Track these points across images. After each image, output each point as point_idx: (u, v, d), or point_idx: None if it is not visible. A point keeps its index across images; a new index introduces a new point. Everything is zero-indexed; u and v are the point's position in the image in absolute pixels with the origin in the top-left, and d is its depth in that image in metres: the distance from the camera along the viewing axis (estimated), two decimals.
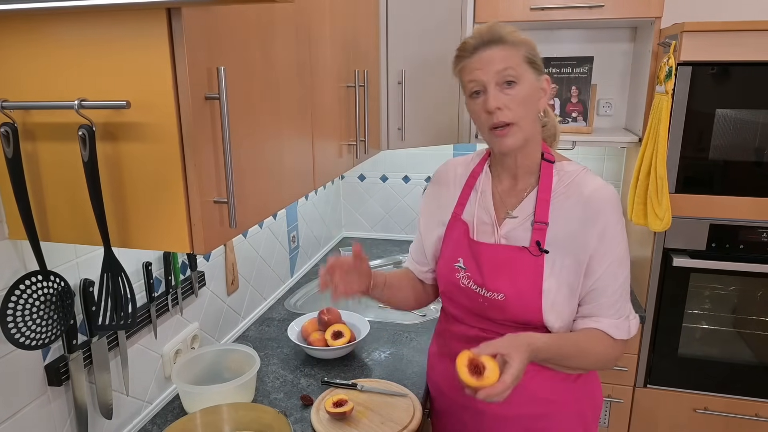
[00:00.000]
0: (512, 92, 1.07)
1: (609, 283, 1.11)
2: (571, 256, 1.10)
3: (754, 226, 1.81)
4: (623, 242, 1.12)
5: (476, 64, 1.09)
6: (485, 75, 1.08)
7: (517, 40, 1.09)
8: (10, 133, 0.81)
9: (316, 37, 1.22)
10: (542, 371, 1.16)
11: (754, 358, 1.96)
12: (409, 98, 1.86)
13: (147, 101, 0.77)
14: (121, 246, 0.86)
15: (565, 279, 1.11)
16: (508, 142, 1.10)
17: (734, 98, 1.73)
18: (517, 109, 1.08)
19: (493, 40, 1.08)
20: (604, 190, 1.11)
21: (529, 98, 1.09)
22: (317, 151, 1.27)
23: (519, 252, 1.13)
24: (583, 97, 2.15)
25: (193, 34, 0.75)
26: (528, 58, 1.09)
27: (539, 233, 1.12)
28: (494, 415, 1.22)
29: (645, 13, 1.89)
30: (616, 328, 1.13)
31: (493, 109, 1.07)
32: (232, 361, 1.42)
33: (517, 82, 1.07)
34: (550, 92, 1.15)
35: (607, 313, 1.13)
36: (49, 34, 0.78)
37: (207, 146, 0.81)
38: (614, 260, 1.10)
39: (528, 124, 1.10)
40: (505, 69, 1.07)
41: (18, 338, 0.92)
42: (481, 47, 1.08)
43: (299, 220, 2.22)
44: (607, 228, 1.09)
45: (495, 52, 1.07)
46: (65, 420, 1.09)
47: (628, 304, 1.16)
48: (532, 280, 1.11)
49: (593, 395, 1.26)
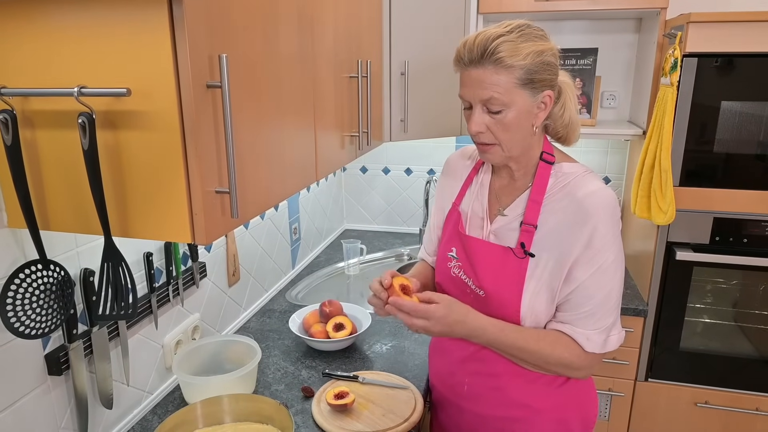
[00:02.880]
0: (498, 116, 1.02)
1: (591, 293, 1.05)
2: (555, 260, 1.06)
3: (759, 219, 1.80)
4: (613, 251, 1.04)
5: (465, 80, 1.04)
6: (471, 96, 1.03)
7: (512, 62, 0.98)
8: (9, 120, 0.80)
9: (319, 27, 1.20)
10: (519, 375, 1.15)
11: (756, 353, 1.95)
12: (411, 90, 1.84)
13: (148, 89, 0.76)
14: (121, 235, 0.85)
15: (546, 282, 1.07)
16: (488, 158, 1.11)
17: (740, 90, 1.71)
18: (501, 134, 1.04)
19: (485, 59, 0.99)
20: (600, 194, 1.04)
21: (517, 122, 1.03)
22: (319, 142, 1.26)
23: (504, 252, 1.11)
24: (587, 89, 2.14)
25: (194, 21, 0.74)
26: (524, 80, 1.00)
27: (526, 235, 1.09)
28: (472, 413, 1.22)
29: (650, 3, 1.87)
30: (587, 340, 1.06)
31: (473, 133, 1.05)
32: (233, 352, 1.42)
33: (503, 109, 1.01)
34: (551, 105, 1.06)
35: (584, 323, 1.07)
36: (49, 20, 0.77)
37: (208, 135, 0.80)
38: (600, 267, 1.04)
39: (514, 145, 1.06)
40: (490, 98, 1.00)
41: (18, 327, 0.91)
42: (470, 65, 1.01)
43: (301, 212, 2.21)
44: (595, 233, 1.02)
45: (484, 74, 1.00)
46: (65, 409, 1.09)
47: (611, 317, 1.08)
48: (513, 281, 1.09)
49: (582, 403, 1.19)
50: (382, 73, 1.77)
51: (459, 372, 1.23)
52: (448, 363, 1.26)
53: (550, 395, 1.16)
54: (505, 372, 1.16)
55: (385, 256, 2.44)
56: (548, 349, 1.08)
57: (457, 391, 1.24)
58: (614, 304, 1.08)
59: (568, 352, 1.08)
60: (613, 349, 1.10)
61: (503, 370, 1.16)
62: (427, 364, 1.48)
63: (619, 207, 1.07)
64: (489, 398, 1.19)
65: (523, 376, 1.15)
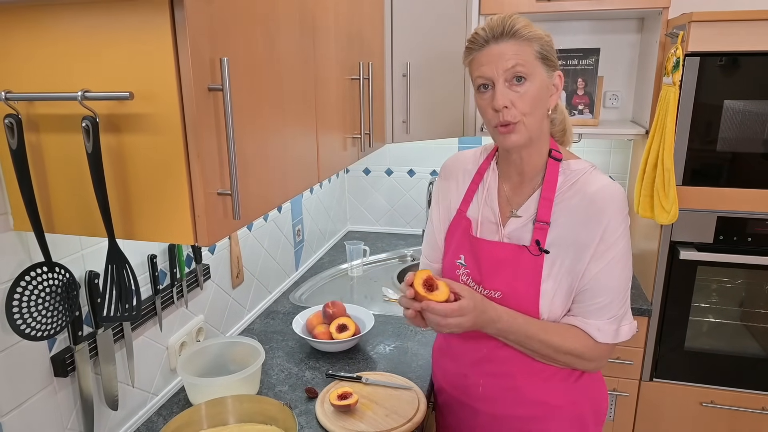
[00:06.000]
0: (521, 89, 1.04)
1: (605, 284, 1.07)
2: (572, 257, 1.08)
3: (762, 218, 1.79)
4: (624, 242, 1.07)
5: (485, 58, 1.05)
6: (494, 70, 1.04)
7: (530, 35, 1.04)
8: (15, 124, 0.81)
9: (320, 29, 1.21)
10: (534, 373, 1.15)
11: (761, 352, 1.94)
12: (414, 91, 1.85)
13: (150, 92, 0.77)
14: (125, 238, 0.86)
15: (564, 280, 1.09)
16: (512, 139, 1.08)
17: (742, 89, 1.71)
18: (525, 107, 1.04)
19: (505, 34, 1.03)
20: (609, 188, 1.07)
21: (539, 96, 1.05)
22: (321, 143, 1.27)
23: (519, 251, 1.11)
24: (589, 89, 2.14)
25: (195, 25, 0.75)
26: (541, 54, 1.05)
27: (540, 232, 1.10)
28: (488, 414, 1.22)
29: (652, 3, 1.87)
30: (598, 330, 1.09)
31: (500, 107, 1.04)
32: (237, 353, 1.42)
33: (527, 79, 1.04)
34: (561, 88, 1.11)
35: (596, 315, 1.09)
36: (53, 26, 0.78)
37: (210, 138, 0.81)
38: (612, 259, 1.06)
39: (535, 123, 1.07)
40: (515, 66, 1.03)
41: (24, 329, 0.92)
42: (491, 40, 1.04)
43: (304, 214, 2.22)
44: (608, 227, 1.05)
45: (506, 46, 1.03)
46: (71, 410, 1.10)
47: (623, 308, 1.11)
48: (530, 280, 1.10)
49: (594, 397, 1.21)
50: (384, 74, 1.77)
51: (473, 374, 1.22)
52: (460, 365, 1.25)
53: (566, 391, 1.16)
54: (521, 371, 1.16)
55: (388, 257, 2.45)
56: (559, 339, 1.09)
57: (471, 393, 1.24)
58: (625, 295, 1.11)
59: (579, 343, 1.09)
60: (626, 339, 1.12)
61: (518, 369, 1.16)
62: (430, 365, 1.48)
63: (626, 201, 1.10)
64: (505, 398, 1.19)
65: (539, 374, 1.15)
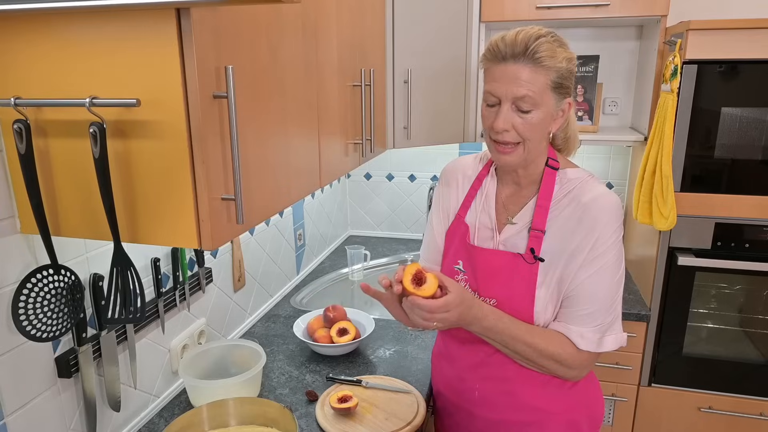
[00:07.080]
0: (526, 116, 1.03)
1: (592, 291, 1.06)
2: (564, 265, 1.08)
3: (760, 224, 1.81)
4: (615, 252, 1.07)
5: (499, 74, 1.03)
6: (504, 92, 1.02)
7: (550, 65, 1.01)
8: (23, 129, 0.83)
9: (322, 37, 1.23)
10: (531, 378, 1.16)
11: (760, 357, 1.95)
12: (415, 97, 1.87)
13: (156, 99, 0.78)
14: (130, 241, 0.87)
15: (557, 287, 1.09)
16: (506, 159, 1.08)
17: (740, 96, 1.73)
18: (526, 132, 1.04)
19: (526, 56, 1.00)
20: (604, 198, 1.07)
21: (542, 123, 1.05)
22: (323, 149, 1.28)
23: (514, 259, 1.12)
24: (588, 95, 2.15)
25: (201, 34, 0.77)
26: (555, 83, 1.03)
27: (535, 240, 1.10)
28: (484, 419, 1.23)
29: (651, 11, 1.89)
30: (581, 337, 1.07)
31: (500, 129, 1.04)
32: (239, 356, 1.43)
33: (533, 109, 1.03)
34: (568, 113, 1.09)
35: (580, 322, 1.08)
36: (61, 33, 0.79)
37: (215, 144, 0.83)
38: (601, 268, 1.06)
39: (533, 146, 1.07)
40: (524, 96, 1.01)
41: (29, 330, 0.94)
42: (510, 58, 1.01)
43: (306, 218, 2.24)
44: (600, 236, 1.05)
45: (522, 70, 1.01)
46: (74, 411, 1.11)
47: (609, 318, 1.09)
48: (525, 287, 1.10)
49: (590, 404, 1.22)
50: (386, 81, 1.79)
51: (469, 378, 1.23)
52: (457, 369, 1.26)
53: (562, 398, 1.17)
54: (517, 376, 1.16)
55: (389, 262, 2.46)
56: (543, 343, 1.08)
57: (467, 397, 1.25)
58: (612, 304, 1.09)
59: (561, 348, 1.08)
60: (610, 350, 1.10)
61: (514, 374, 1.16)
62: (429, 369, 1.49)
63: (623, 211, 1.09)
64: (501, 403, 1.20)
65: (535, 379, 1.15)
